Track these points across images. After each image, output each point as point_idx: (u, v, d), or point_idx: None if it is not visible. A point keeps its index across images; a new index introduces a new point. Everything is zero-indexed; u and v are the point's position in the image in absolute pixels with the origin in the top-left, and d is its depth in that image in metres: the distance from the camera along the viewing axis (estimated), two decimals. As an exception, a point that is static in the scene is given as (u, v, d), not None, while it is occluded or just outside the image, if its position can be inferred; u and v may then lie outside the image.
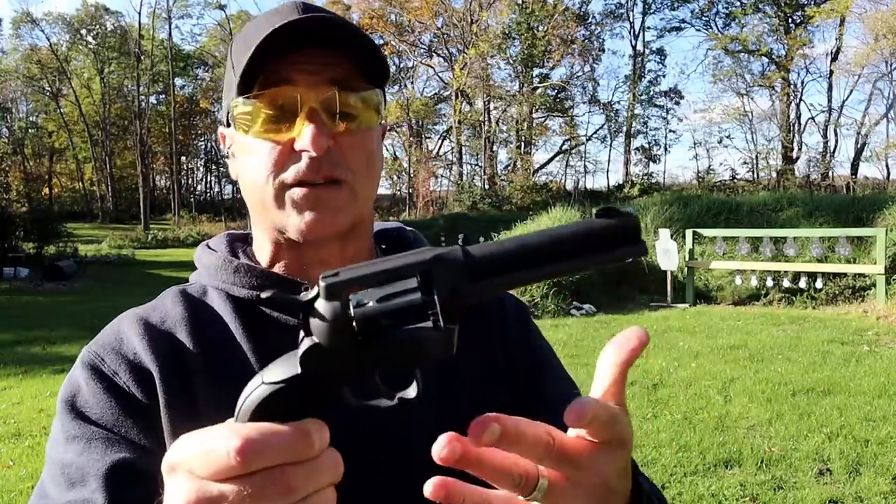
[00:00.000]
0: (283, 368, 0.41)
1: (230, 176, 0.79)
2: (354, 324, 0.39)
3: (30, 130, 47.79)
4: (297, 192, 0.68)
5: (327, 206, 0.69)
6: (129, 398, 0.66)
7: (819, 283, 10.03)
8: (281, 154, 0.68)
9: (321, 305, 0.39)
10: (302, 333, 0.41)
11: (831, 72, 30.76)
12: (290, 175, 0.68)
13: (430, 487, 0.43)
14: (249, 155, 0.70)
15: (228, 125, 0.74)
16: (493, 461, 0.42)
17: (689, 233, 11.13)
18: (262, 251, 0.77)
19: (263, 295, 0.42)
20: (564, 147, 39.66)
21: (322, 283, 0.39)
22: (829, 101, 31.70)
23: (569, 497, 0.44)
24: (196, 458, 0.40)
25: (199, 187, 56.47)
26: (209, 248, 0.81)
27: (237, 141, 0.73)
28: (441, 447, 0.40)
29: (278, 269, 0.75)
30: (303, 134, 0.66)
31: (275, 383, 0.41)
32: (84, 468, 0.62)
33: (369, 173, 0.72)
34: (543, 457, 0.42)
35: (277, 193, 0.69)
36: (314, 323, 0.39)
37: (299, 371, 0.40)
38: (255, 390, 0.41)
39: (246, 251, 0.80)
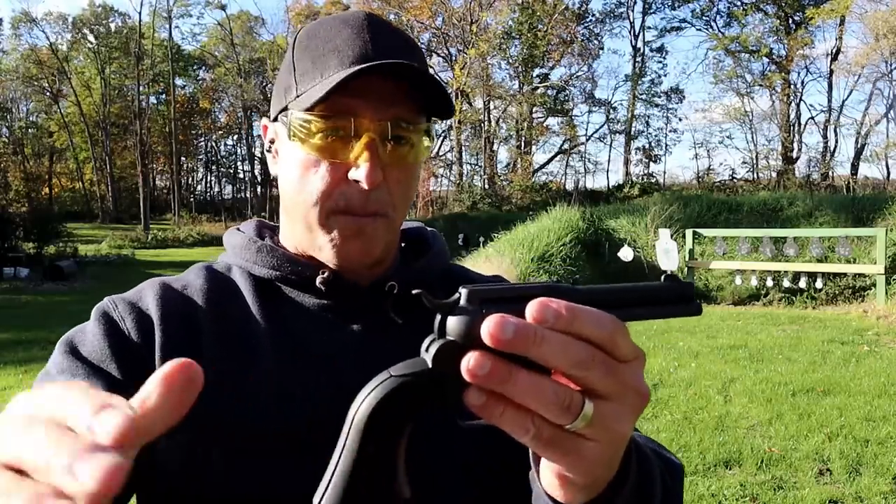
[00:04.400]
0: (411, 366, 0.43)
1: (269, 172, 0.80)
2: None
3: (30, 130, 47.80)
4: (343, 222, 0.70)
5: (367, 238, 0.71)
6: (126, 340, 0.69)
7: (819, 283, 10.03)
8: (333, 180, 0.69)
9: (460, 310, 0.42)
10: (430, 338, 0.44)
11: (831, 72, 30.78)
12: (339, 203, 0.69)
13: (471, 396, 0.41)
14: (300, 168, 0.71)
15: (275, 120, 0.75)
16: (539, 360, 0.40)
17: (689, 233, 11.13)
18: (290, 244, 0.79)
19: (415, 291, 0.43)
20: (564, 147, 39.67)
21: (464, 290, 0.42)
22: (829, 101, 31.73)
23: (610, 424, 0.42)
24: None
25: (199, 187, 56.51)
26: (238, 230, 0.84)
27: (286, 145, 0.73)
28: (492, 325, 0.39)
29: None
30: (359, 165, 0.67)
31: (403, 376, 0.43)
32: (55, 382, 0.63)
33: (406, 204, 0.75)
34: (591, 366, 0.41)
35: (323, 217, 0.71)
36: (452, 323, 0.42)
37: (430, 366, 0.42)
38: (383, 382, 0.43)
39: (273, 238, 0.82)
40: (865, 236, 10.29)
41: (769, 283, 10.45)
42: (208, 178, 56.49)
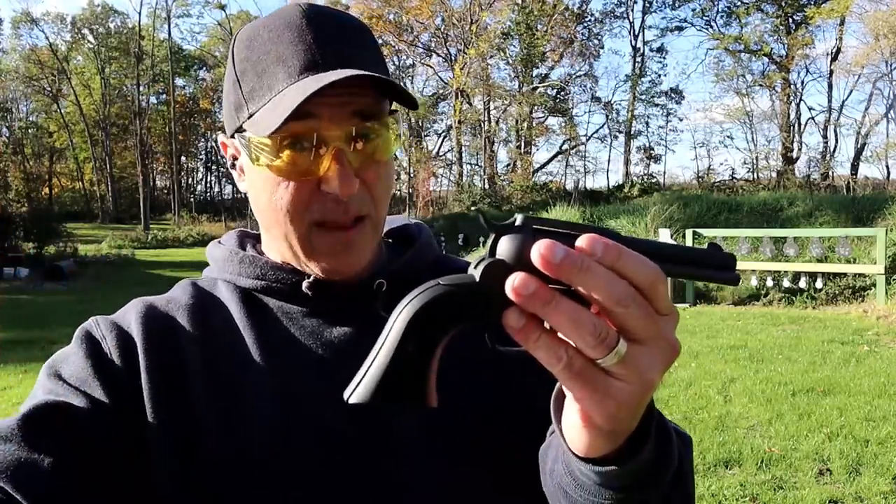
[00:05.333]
0: (459, 279, 0.45)
1: (233, 180, 0.78)
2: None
3: (30, 130, 47.78)
4: (327, 239, 0.69)
5: (356, 249, 0.70)
6: (107, 361, 0.69)
7: (819, 283, 10.03)
8: (306, 196, 0.67)
9: (513, 232, 0.44)
10: (479, 258, 0.45)
11: (831, 72, 30.75)
12: (316, 215, 0.68)
13: (510, 316, 0.43)
14: (268, 189, 0.68)
15: (232, 136, 0.72)
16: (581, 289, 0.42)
17: (689, 233, 11.13)
18: (272, 252, 0.77)
19: (474, 208, 0.46)
20: (564, 147, 39.67)
21: (520, 216, 0.45)
22: (829, 101, 31.71)
23: (640, 368, 0.43)
24: None
25: (199, 187, 56.48)
26: (219, 243, 0.83)
27: (249, 165, 0.71)
28: (543, 249, 0.40)
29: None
30: (329, 178, 0.65)
31: (450, 285, 0.45)
32: (37, 399, 0.65)
33: (387, 198, 0.73)
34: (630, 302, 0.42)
35: (304, 234, 0.69)
36: (503, 243, 0.44)
37: (477, 280, 0.44)
38: (430, 288, 0.45)
39: (255, 246, 0.81)
40: (865, 236, 10.29)
41: (769, 283, 10.44)
42: (208, 178, 56.47)
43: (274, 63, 0.66)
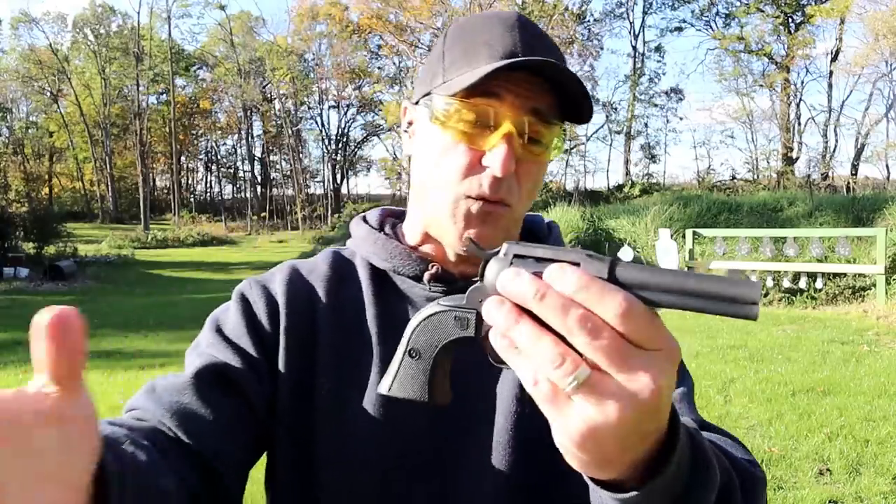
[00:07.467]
0: (456, 300, 0.54)
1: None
2: None
3: (30, 130, 47.78)
4: (470, 205, 0.72)
5: (492, 225, 0.74)
6: (257, 323, 0.79)
7: (819, 283, 10.03)
8: (469, 163, 0.72)
9: (497, 259, 0.49)
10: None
11: (831, 72, 30.77)
12: (469, 186, 0.72)
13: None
14: (436, 149, 0.74)
15: (416, 103, 0.79)
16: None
17: (689, 233, 11.13)
18: (413, 231, 0.84)
19: (465, 236, 0.64)
20: (564, 147, 39.65)
21: (506, 244, 0.49)
22: (829, 101, 31.72)
23: (604, 398, 0.42)
24: None
25: (199, 187, 56.47)
26: (364, 220, 0.90)
27: (423, 125, 0.77)
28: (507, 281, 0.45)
29: (426, 248, 0.82)
30: (495, 152, 0.70)
31: (445, 305, 0.53)
32: (192, 363, 0.76)
33: (530, 201, 0.78)
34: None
35: (453, 199, 0.73)
36: (487, 270, 0.49)
37: (464, 302, 0.52)
38: (429, 307, 0.55)
39: (395, 226, 0.88)
40: (865, 236, 10.29)
41: (769, 283, 10.44)
42: (208, 178, 56.47)
43: (481, 45, 0.72)
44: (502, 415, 0.75)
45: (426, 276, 0.79)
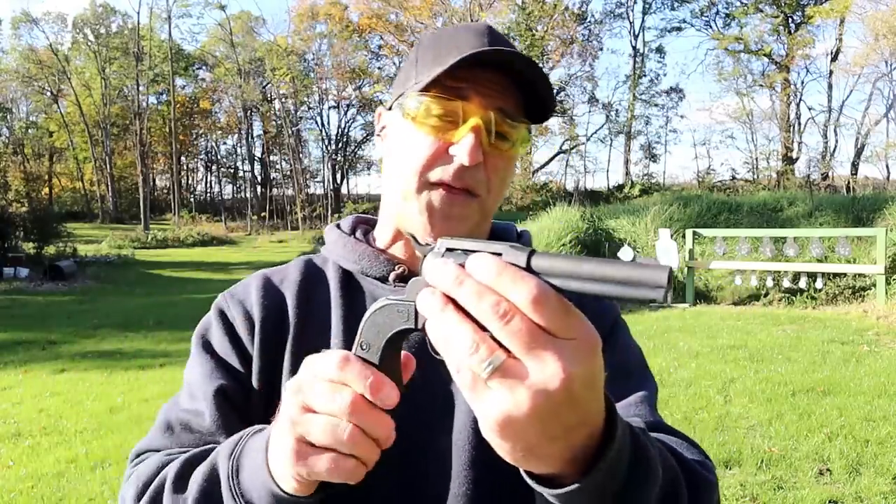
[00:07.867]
0: (399, 296, 0.56)
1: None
2: None
3: (30, 130, 47.78)
4: (436, 194, 0.75)
5: (457, 216, 0.76)
6: (238, 339, 0.83)
7: (819, 283, 10.02)
8: (436, 151, 0.75)
9: (434, 253, 0.52)
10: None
11: (831, 72, 30.77)
12: (436, 174, 0.75)
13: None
14: (405, 140, 0.77)
15: (390, 109, 0.83)
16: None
17: (689, 233, 11.12)
18: (383, 234, 0.87)
19: (406, 233, 0.66)
20: (564, 147, 39.67)
21: (441, 240, 0.52)
22: (829, 101, 31.73)
23: (517, 385, 0.43)
24: (306, 379, 0.55)
25: (199, 187, 56.49)
26: (337, 226, 0.93)
27: (395, 124, 0.80)
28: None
29: (395, 250, 0.86)
30: (462, 141, 0.73)
31: (390, 299, 0.56)
32: (201, 388, 0.80)
33: (499, 195, 0.80)
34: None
35: (420, 187, 0.76)
36: (425, 264, 0.51)
37: (405, 297, 0.55)
38: (378, 301, 0.57)
39: (367, 232, 0.91)
40: (865, 236, 10.29)
41: (769, 283, 10.44)
42: (208, 178, 56.49)
43: (451, 48, 0.76)
44: (464, 402, 0.76)
45: (392, 275, 0.82)
